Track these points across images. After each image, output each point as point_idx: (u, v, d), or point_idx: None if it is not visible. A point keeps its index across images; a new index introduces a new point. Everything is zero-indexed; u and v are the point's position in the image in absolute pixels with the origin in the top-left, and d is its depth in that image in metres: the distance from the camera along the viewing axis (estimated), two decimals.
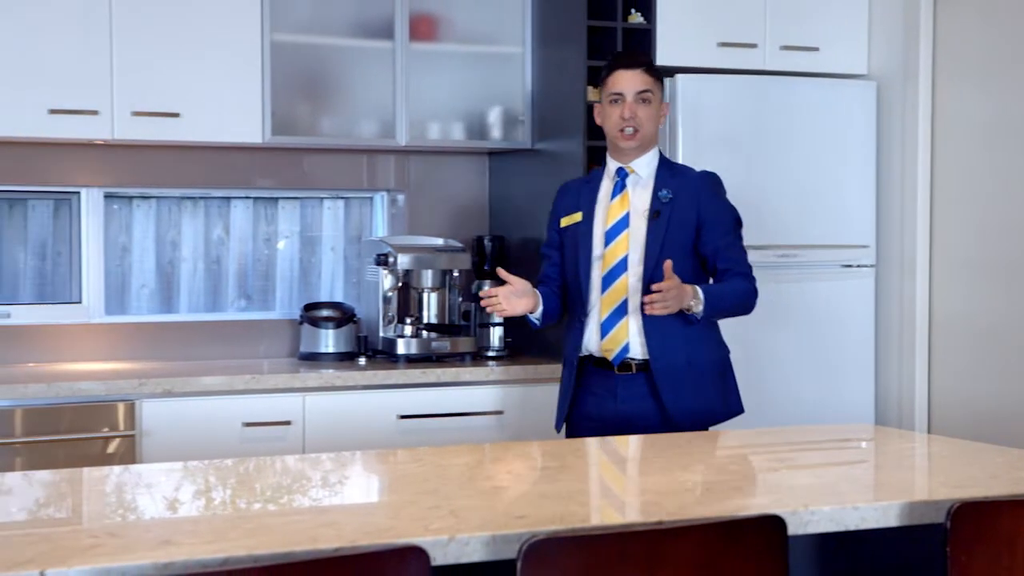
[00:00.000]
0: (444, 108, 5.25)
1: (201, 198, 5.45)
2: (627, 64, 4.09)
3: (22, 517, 2.59)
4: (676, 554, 2.28)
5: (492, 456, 3.19)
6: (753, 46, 5.23)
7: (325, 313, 5.17)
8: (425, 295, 5.20)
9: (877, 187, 5.34)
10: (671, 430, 3.83)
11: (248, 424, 4.56)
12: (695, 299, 3.82)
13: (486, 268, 5.25)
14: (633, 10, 5.08)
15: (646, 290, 3.85)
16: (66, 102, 4.66)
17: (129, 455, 4.43)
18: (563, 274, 4.18)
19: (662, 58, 5.05)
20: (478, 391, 4.85)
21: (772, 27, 5.26)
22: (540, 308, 4.07)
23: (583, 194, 4.17)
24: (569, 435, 4.08)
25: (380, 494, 2.83)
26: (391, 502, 2.67)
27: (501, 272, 4.00)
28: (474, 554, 2.28)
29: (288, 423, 4.59)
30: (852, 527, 2.54)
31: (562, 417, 4.12)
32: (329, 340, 5.13)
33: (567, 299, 4.19)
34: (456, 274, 5.22)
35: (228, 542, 2.26)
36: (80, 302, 5.16)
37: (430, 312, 5.20)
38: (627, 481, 2.84)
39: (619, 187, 4.09)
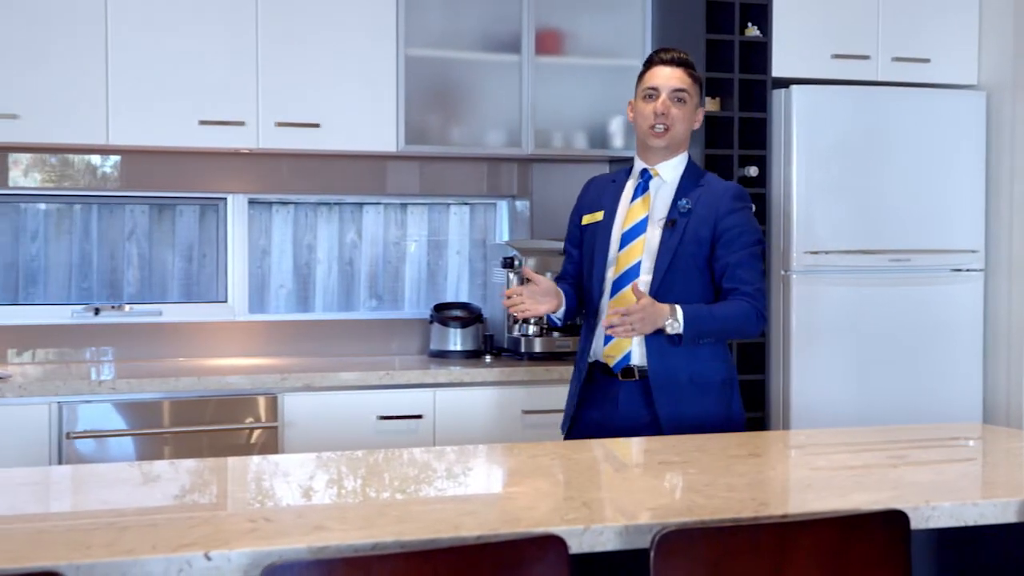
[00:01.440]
0: (568, 118, 5.27)
1: (336, 204, 5.51)
2: (667, 60, 3.78)
3: (181, 502, 2.65)
4: (803, 546, 2.27)
5: (617, 450, 3.19)
6: (866, 58, 5.18)
7: (454, 313, 5.21)
8: None
9: (986, 193, 5.26)
10: None
11: (382, 417, 4.60)
12: (672, 318, 3.53)
13: None
14: (750, 24, 5.06)
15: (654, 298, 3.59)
16: (215, 114, 4.76)
17: (271, 445, 4.50)
18: (581, 272, 3.91)
19: (778, 69, 5.04)
20: None
21: (884, 39, 5.21)
22: (563, 307, 3.79)
23: (607, 192, 3.86)
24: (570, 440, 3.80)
25: (514, 485, 2.84)
26: (526, 493, 2.68)
27: (527, 271, 3.74)
28: (608, 543, 2.29)
29: (420, 416, 4.63)
30: (971, 523, 2.51)
31: (567, 421, 3.85)
32: (457, 338, 5.17)
33: (583, 299, 3.90)
34: None
35: (376, 528, 2.29)
36: (226, 301, 5.26)
37: None
38: (750, 475, 2.82)
39: (641, 189, 3.79)
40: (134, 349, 5.07)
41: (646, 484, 2.68)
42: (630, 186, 3.83)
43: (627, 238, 3.74)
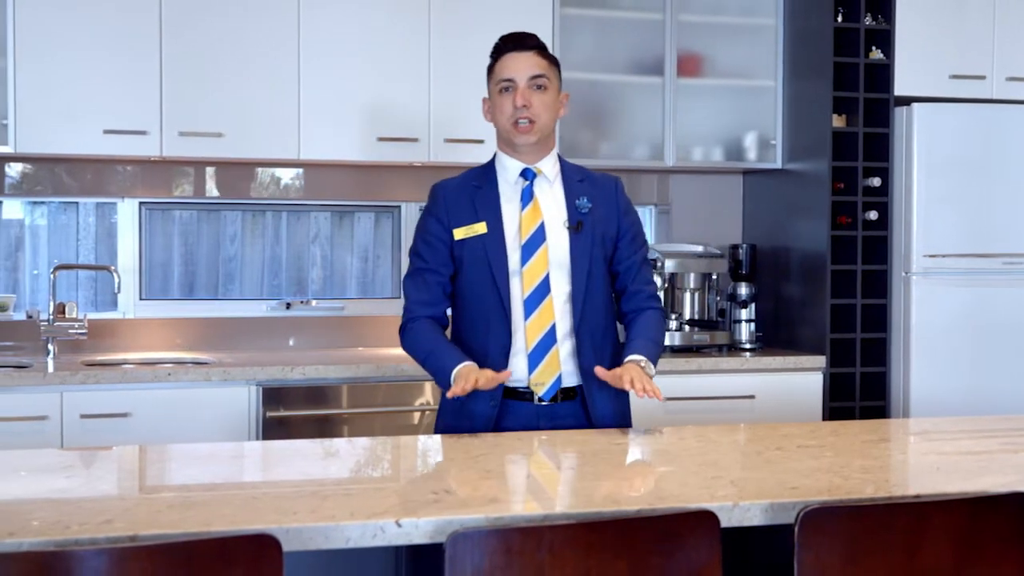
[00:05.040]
0: (706, 133, 5.23)
1: None
2: (516, 47, 3.14)
3: (369, 474, 2.68)
4: (936, 525, 2.23)
5: (757, 435, 3.15)
6: (982, 78, 5.06)
7: None
8: (687, 294, 5.18)
9: None
10: None
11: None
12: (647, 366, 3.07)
13: (742, 272, 5.21)
14: (874, 47, 4.98)
15: (579, 313, 3.09)
16: (392, 131, 4.81)
17: None
18: (460, 295, 3.18)
19: (900, 89, 4.95)
20: (733, 378, 4.82)
21: (999, 60, 5.09)
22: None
23: (479, 200, 3.14)
24: None
25: (666, 464, 2.82)
26: (677, 472, 2.67)
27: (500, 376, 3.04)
28: (754, 519, 2.27)
29: None
30: None
31: None
32: None
33: (463, 325, 3.19)
34: (715, 277, 5.17)
35: (545, 501, 2.31)
36: (399, 297, 5.32)
37: (692, 309, 5.19)
38: (882, 458, 2.78)
39: (528, 192, 3.12)
40: (319, 339, 5.16)
41: (787, 466, 2.65)
42: (512, 191, 3.16)
43: (528, 250, 3.09)
